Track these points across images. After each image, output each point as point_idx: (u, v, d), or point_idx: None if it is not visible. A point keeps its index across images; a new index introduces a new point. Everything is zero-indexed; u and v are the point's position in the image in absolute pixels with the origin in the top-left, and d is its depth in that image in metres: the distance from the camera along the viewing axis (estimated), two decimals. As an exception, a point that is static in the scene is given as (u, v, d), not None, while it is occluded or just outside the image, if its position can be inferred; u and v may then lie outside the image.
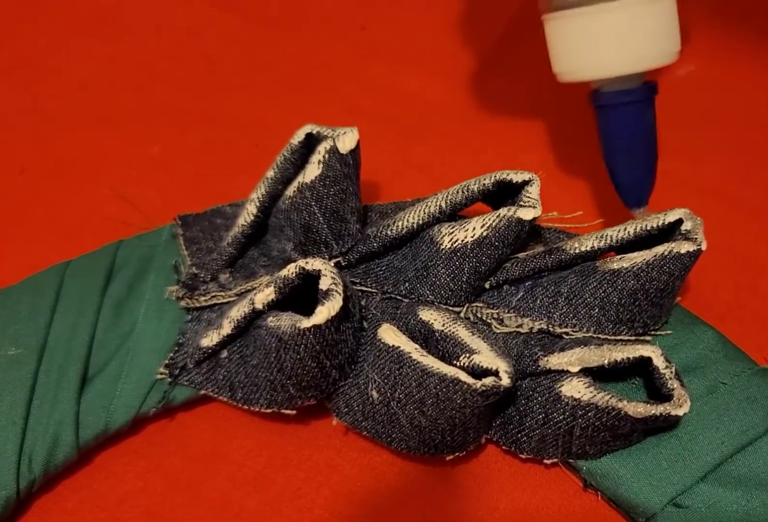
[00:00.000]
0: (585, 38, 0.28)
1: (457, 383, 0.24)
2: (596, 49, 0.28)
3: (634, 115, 0.29)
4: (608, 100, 0.29)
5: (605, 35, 0.27)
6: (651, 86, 0.29)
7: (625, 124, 0.29)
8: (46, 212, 0.36)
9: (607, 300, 0.27)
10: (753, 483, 0.26)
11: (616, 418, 0.25)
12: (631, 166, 0.30)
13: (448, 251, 0.28)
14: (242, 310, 0.27)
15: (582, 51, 0.28)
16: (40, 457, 0.27)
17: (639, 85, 0.29)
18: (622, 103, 0.29)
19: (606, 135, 0.30)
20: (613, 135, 0.29)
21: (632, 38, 0.27)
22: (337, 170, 0.28)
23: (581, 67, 0.28)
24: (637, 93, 0.29)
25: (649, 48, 0.28)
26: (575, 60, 0.29)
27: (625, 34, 0.27)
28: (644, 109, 0.29)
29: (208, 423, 0.30)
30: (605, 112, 0.29)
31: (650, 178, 0.30)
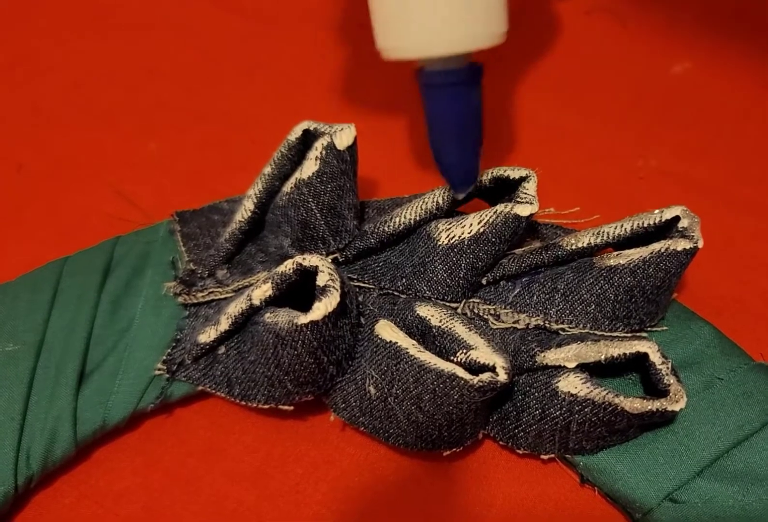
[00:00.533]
0: (407, 16, 0.26)
1: (454, 379, 0.24)
2: (418, 28, 0.26)
3: (457, 96, 0.28)
4: (431, 79, 0.28)
5: (427, 13, 0.26)
6: (476, 68, 0.28)
7: (448, 104, 0.28)
8: (44, 209, 0.36)
9: (603, 296, 0.27)
10: (749, 478, 0.26)
11: (612, 413, 0.25)
12: (454, 147, 0.28)
13: (445, 247, 0.28)
14: (239, 306, 0.27)
15: (404, 29, 0.27)
16: (38, 452, 0.27)
17: (464, 66, 0.27)
18: (445, 84, 0.27)
19: (429, 115, 0.28)
20: (436, 115, 0.28)
21: (455, 17, 0.26)
22: (334, 166, 0.28)
23: (403, 45, 0.27)
24: (461, 74, 0.27)
25: (473, 28, 0.26)
26: (397, 38, 0.27)
27: (448, 13, 0.26)
28: (467, 91, 0.28)
29: (206, 419, 0.30)
30: (428, 92, 0.28)
31: (475, 160, 0.29)
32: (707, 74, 0.39)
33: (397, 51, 0.28)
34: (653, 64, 0.39)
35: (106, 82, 0.41)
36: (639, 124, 0.37)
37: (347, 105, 0.39)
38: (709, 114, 0.38)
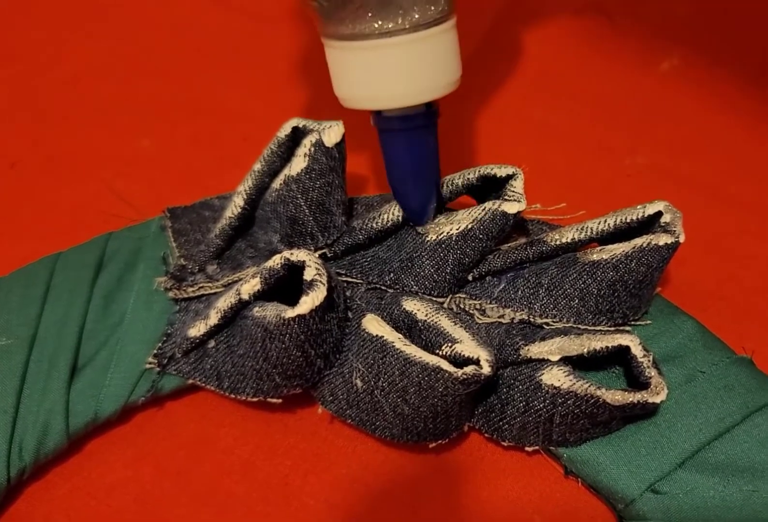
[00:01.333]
0: (365, 70, 0.27)
1: (438, 372, 0.25)
2: (377, 82, 0.27)
3: (414, 140, 0.28)
4: (389, 124, 0.28)
5: (385, 69, 0.27)
6: (432, 112, 0.28)
7: (406, 148, 0.28)
8: (37, 205, 0.36)
9: (586, 291, 0.28)
10: (730, 470, 0.26)
11: (594, 405, 0.25)
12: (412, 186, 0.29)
13: (433, 243, 0.28)
14: (229, 300, 0.27)
15: (363, 82, 0.27)
16: (30, 445, 0.27)
17: (420, 111, 0.28)
18: (402, 129, 0.28)
19: (387, 158, 0.29)
20: (393, 158, 0.29)
21: (412, 72, 0.27)
22: (323, 163, 0.28)
23: (362, 96, 0.28)
24: (418, 119, 0.28)
25: (430, 81, 0.27)
26: (357, 89, 0.28)
27: (405, 69, 0.27)
28: (424, 134, 0.28)
29: (196, 412, 0.30)
30: (385, 136, 0.29)
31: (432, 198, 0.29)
32: (695, 71, 0.39)
33: (354, 101, 0.28)
34: (641, 62, 0.40)
35: (100, 79, 0.42)
36: (627, 121, 0.38)
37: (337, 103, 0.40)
38: (696, 111, 0.38)
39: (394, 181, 0.29)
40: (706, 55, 0.40)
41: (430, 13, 0.26)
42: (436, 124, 0.29)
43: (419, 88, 0.27)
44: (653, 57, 0.40)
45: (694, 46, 0.40)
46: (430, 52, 0.27)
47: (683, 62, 0.39)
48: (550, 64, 0.40)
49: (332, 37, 0.27)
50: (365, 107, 0.28)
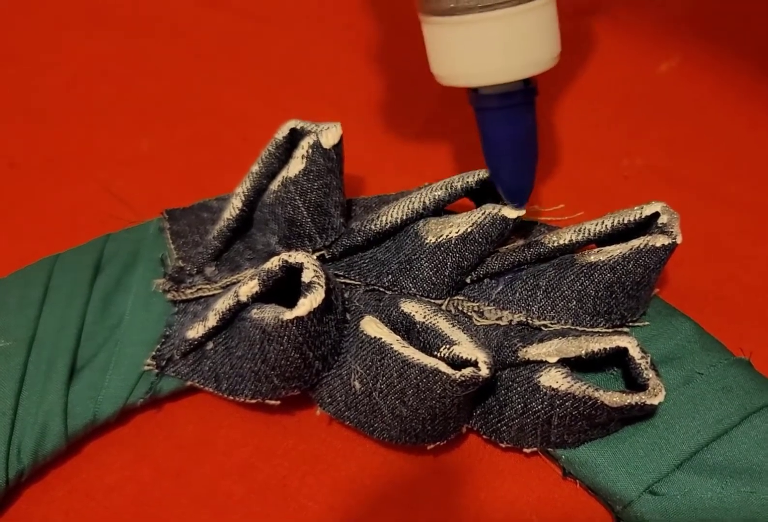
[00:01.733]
0: (465, 46, 0.27)
1: (437, 374, 0.25)
2: (477, 57, 0.27)
3: (512, 118, 0.28)
4: (487, 103, 0.28)
5: (486, 44, 0.27)
6: (531, 89, 0.28)
7: (505, 127, 0.28)
8: (35, 206, 0.36)
9: (584, 293, 0.28)
10: (728, 471, 0.26)
11: (592, 407, 0.25)
12: (510, 166, 0.29)
13: (432, 246, 0.28)
14: (227, 302, 0.27)
15: (462, 58, 0.27)
16: (28, 447, 0.27)
17: (519, 88, 0.28)
18: (501, 107, 0.28)
19: (486, 137, 0.29)
20: (492, 138, 0.29)
21: (513, 47, 0.27)
22: (321, 165, 0.28)
23: (462, 73, 0.28)
24: (517, 97, 0.28)
25: (530, 56, 0.27)
26: (456, 66, 0.28)
27: (506, 43, 0.27)
28: (524, 113, 0.28)
29: (194, 413, 0.30)
30: (484, 115, 0.29)
31: (530, 178, 0.29)
32: (694, 72, 0.39)
33: (452, 79, 0.28)
34: (640, 63, 0.40)
35: (98, 80, 0.41)
36: (625, 122, 0.38)
37: (336, 103, 0.40)
38: (695, 112, 0.38)
39: (492, 161, 0.29)
40: (705, 56, 0.40)
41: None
42: (534, 101, 0.28)
43: (518, 64, 0.27)
44: (652, 58, 0.40)
45: (692, 47, 0.40)
46: (530, 25, 0.27)
47: (682, 63, 0.39)
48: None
49: (432, 12, 0.27)
50: (463, 84, 0.28)
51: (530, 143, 0.29)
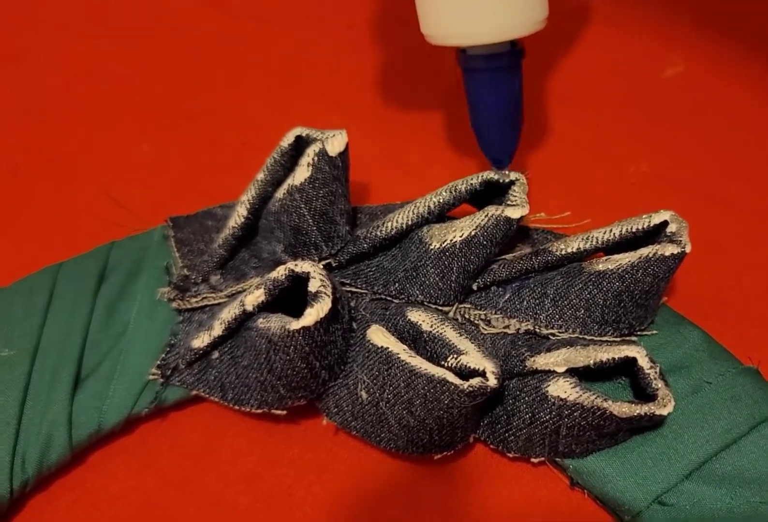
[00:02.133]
0: (454, 6, 0.27)
1: (444, 384, 0.25)
2: (465, 18, 0.27)
3: (499, 80, 0.29)
4: (475, 63, 0.29)
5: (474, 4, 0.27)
6: (518, 51, 0.29)
7: (491, 88, 0.29)
8: (37, 213, 0.36)
9: (592, 301, 0.27)
10: (737, 481, 0.26)
11: (601, 417, 0.25)
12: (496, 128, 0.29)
13: (437, 251, 0.28)
14: (233, 311, 0.27)
15: (451, 18, 0.28)
16: (33, 457, 0.27)
17: (506, 50, 0.28)
18: (488, 68, 0.29)
19: (472, 98, 0.29)
20: (478, 98, 0.29)
21: (501, 8, 0.27)
22: (326, 173, 0.28)
23: (450, 33, 0.28)
24: (504, 58, 0.28)
25: (518, 17, 0.27)
26: (445, 26, 0.28)
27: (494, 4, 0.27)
28: (510, 75, 0.29)
29: (199, 422, 0.30)
30: (471, 76, 0.29)
31: (515, 140, 0.30)
32: (699, 78, 0.39)
33: (441, 38, 0.29)
34: (645, 69, 0.40)
35: (98, 84, 0.41)
36: (630, 128, 0.37)
37: (339, 107, 0.40)
38: (700, 118, 0.38)
39: (478, 122, 0.30)
40: (710, 61, 0.39)
41: None
42: (521, 64, 0.29)
43: (506, 25, 0.27)
44: (656, 64, 0.40)
45: (697, 53, 0.40)
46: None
47: (686, 69, 0.39)
48: (552, 71, 0.40)
49: None
50: (451, 43, 0.29)
51: (516, 105, 0.29)
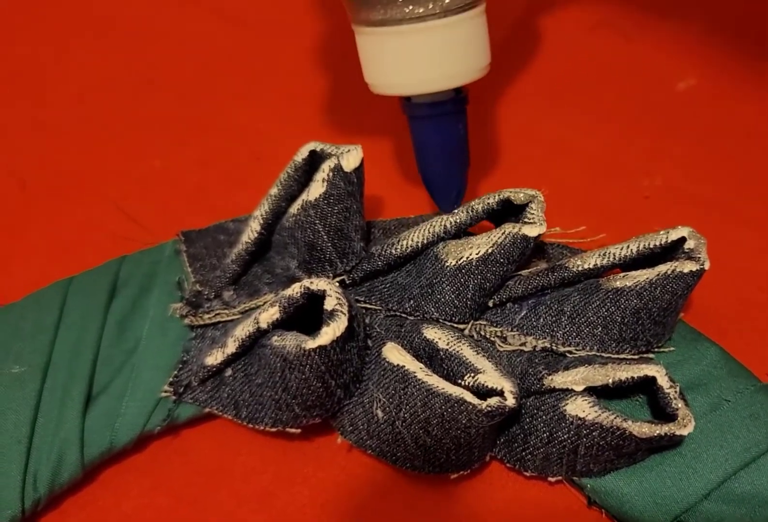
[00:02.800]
0: (396, 56, 0.28)
1: (462, 404, 0.24)
2: (407, 67, 0.28)
3: (443, 126, 0.29)
4: (419, 111, 0.29)
5: (415, 54, 0.27)
6: (461, 98, 0.29)
7: (436, 134, 0.29)
8: (48, 227, 0.36)
9: (610, 319, 0.27)
10: (757, 500, 0.26)
11: (620, 437, 0.25)
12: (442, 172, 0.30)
13: (453, 268, 0.28)
14: (247, 329, 0.27)
15: (394, 68, 0.28)
16: (45, 476, 0.27)
17: (450, 97, 0.28)
18: (432, 115, 0.29)
19: (418, 144, 0.29)
20: (424, 144, 0.29)
21: (441, 57, 0.27)
22: (341, 188, 0.28)
23: (394, 82, 0.28)
24: (447, 105, 0.29)
25: (459, 66, 0.28)
26: (388, 75, 0.28)
27: (435, 54, 0.27)
28: (454, 120, 0.29)
29: (212, 440, 0.30)
30: (415, 123, 0.29)
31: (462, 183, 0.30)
32: (712, 91, 0.39)
33: (385, 87, 0.29)
34: (658, 82, 0.39)
35: (109, 98, 0.41)
36: (644, 142, 0.37)
37: (352, 122, 0.39)
38: (714, 131, 0.37)
39: (425, 168, 0.30)
40: (723, 74, 0.39)
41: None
42: (465, 110, 0.29)
43: (449, 74, 0.28)
44: (670, 77, 0.39)
45: (710, 65, 0.40)
46: (460, 37, 0.27)
47: (700, 82, 0.39)
48: (566, 83, 0.40)
49: (363, 23, 0.28)
50: (395, 93, 0.29)
51: (461, 150, 0.30)
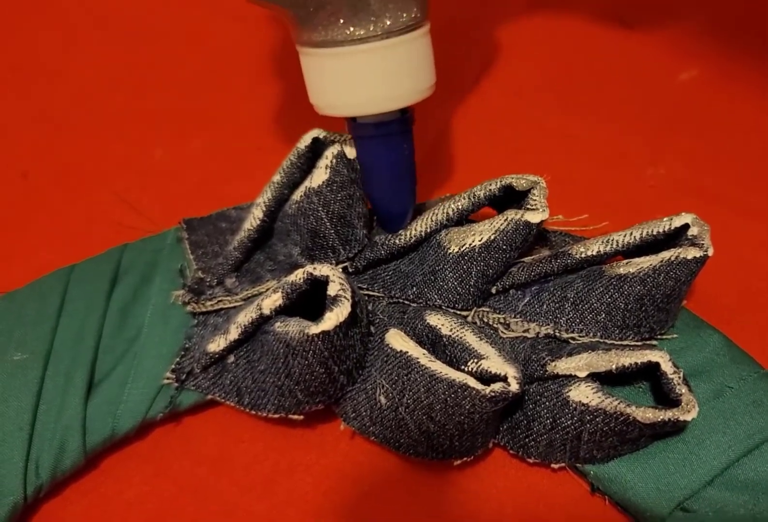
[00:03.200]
0: (339, 77, 0.27)
1: (465, 389, 0.24)
2: (350, 88, 0.27)
3: (389, 146, 0.29)
4: (364, 131, 0.28)
5: (357, 75, 0.27)
6: (407, 118, 0.29)
7: (382, 154, 0.29)
8: (50, 216, 0.36)
9: (613, 305, 0.27)
10: (760, 487, 0.26)
11: (624, 423, 0.25)
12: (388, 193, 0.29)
13: (455, 255, 0.28)
14: (249, 315, 0.27)
15: (339, 89, 0.27)
16: (47, 463, 0.27)
17: (395, 117, 0.28)
18: (377, 135, 0.28)
19: (363, 164, 0.29)
20: (370, 164, 0.29)
21: (384, 78, 0.27)
22: (345, 175, 0.28)
23: (337, 103, 0.28)
24: (393, 126, 0.28)
25: (403, 87, 0.27)
26: (332, 96, 0.28)
27: (377, 75, 0.27)
28: (399, 140, 0.29)
29: (215, 427, 0.30)
30: (361, 143, 0.29)
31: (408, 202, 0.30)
32: (715, 82, 0.39)
33: (329, 109, 0.28)
34: (661, 72, 0.39)
35: (112, 89, 0.41)
36: (647, 131, 0.37)
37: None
38: (717, 121, 0.37)
39: (372, 187, 0.29)
40: (725, 65, 0.39)
41: (402, 20, 0.26)
42: (410, 130, 0.29)
43: (392, 95, 0.27)
44: (672, 68, 0.39)
45: (712, 56, 0.39)
46: (402, 58, 0.27)
47: (702, 73, 0.39)
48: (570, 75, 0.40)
49: (305, 44, 0.27)
50: (340, 114, 0.28)
51: (407, 170, 0.29)
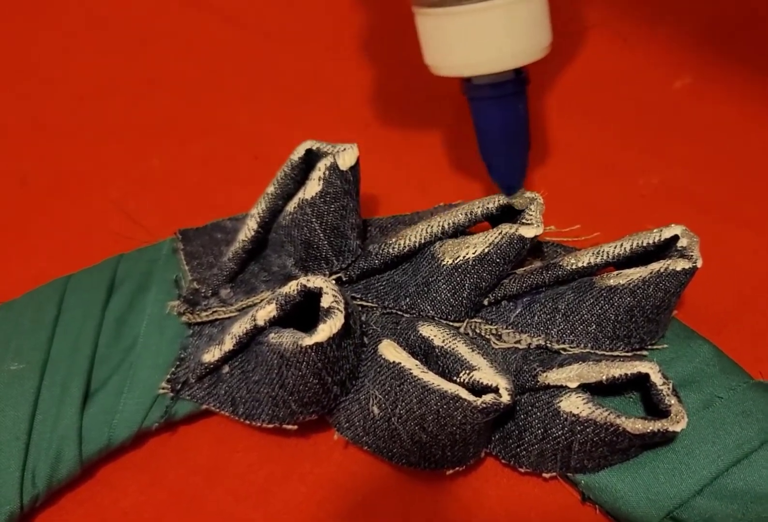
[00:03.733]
0: (457, 36, 0.27)
1: (457, 400, 0.24)
2: (468, 48, 0.27)
3: (505, 107, 0.29)
4: (480, 92, 0.29)
5: (476, 34, 0.27)
6: (522, 78, 0.29)
7: (498, 116, 0.29)
8: (47, 225, 0.36)
9: (603, 316, 0.27)
10: (749, 496, 0.26)
11: (614, 433, 0.25)
12: (504, 155, 0.30)
13: (449, 267, 0.28)
14: (244, 326, 0.27)
15: (454, 49, 0.28)
16: (43, 472, 0.27)
17: (511, 78, 0.28)
18: (493, 97, 0.29)
19: (479, 126, 0.29)
20: (485, 126, 0.29)
21: (505, 36, 0.27)
22: (338, 187, 0.28)
23: (456, 63, 0.28)
24: (508, 86, 0.29)
25: (521, 46, 0.28)
26: (449, 56, 0.28)
27: (499, 32, 0.27)
28: (515, 102, 0.29)
29: (210, 437, 0.30)
30: (477, 105, 0.29)
31: (523, 165, 0.30)
32: (708, 90, 0.39)
33: (446, 69, 0.29)
34: (654, 81, 0.39)
35: (109, 97, 0.41)
36: (640, 141, 0.37)
37: (349, 121, 0.39)
38: (710, 130, 0.38)
39: (486, 150, 0.30)
40: (719, 73, 0.39)
41: None
42: (525, 91, 0.29)
43: (510, 54, 0.28)
44: (666, 76, 0.39)
45: (706, 65, 0.40)
46: (522, 16, 0.27)
47: (696, 81, 0.39)
48: (562, 83, 0.40)
49: (424, 3, 0.28)
50: (456, 74, 0.29)
51: (522, 131, 0.30)
